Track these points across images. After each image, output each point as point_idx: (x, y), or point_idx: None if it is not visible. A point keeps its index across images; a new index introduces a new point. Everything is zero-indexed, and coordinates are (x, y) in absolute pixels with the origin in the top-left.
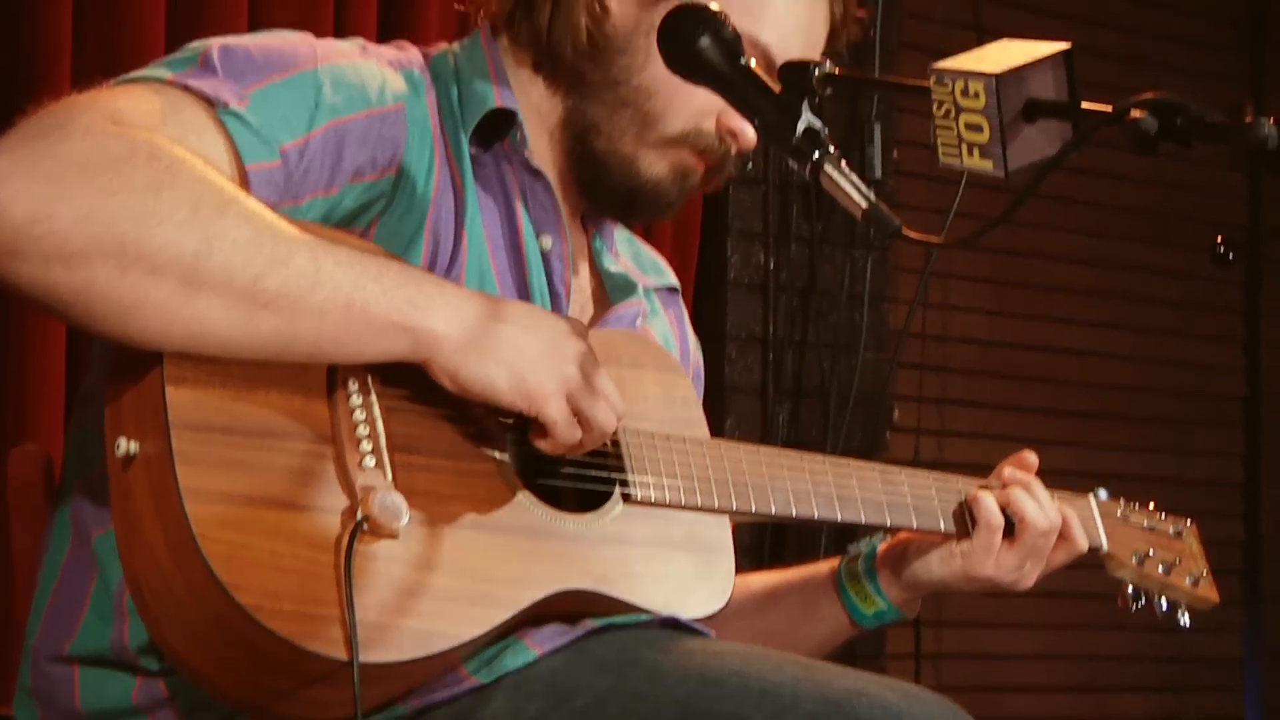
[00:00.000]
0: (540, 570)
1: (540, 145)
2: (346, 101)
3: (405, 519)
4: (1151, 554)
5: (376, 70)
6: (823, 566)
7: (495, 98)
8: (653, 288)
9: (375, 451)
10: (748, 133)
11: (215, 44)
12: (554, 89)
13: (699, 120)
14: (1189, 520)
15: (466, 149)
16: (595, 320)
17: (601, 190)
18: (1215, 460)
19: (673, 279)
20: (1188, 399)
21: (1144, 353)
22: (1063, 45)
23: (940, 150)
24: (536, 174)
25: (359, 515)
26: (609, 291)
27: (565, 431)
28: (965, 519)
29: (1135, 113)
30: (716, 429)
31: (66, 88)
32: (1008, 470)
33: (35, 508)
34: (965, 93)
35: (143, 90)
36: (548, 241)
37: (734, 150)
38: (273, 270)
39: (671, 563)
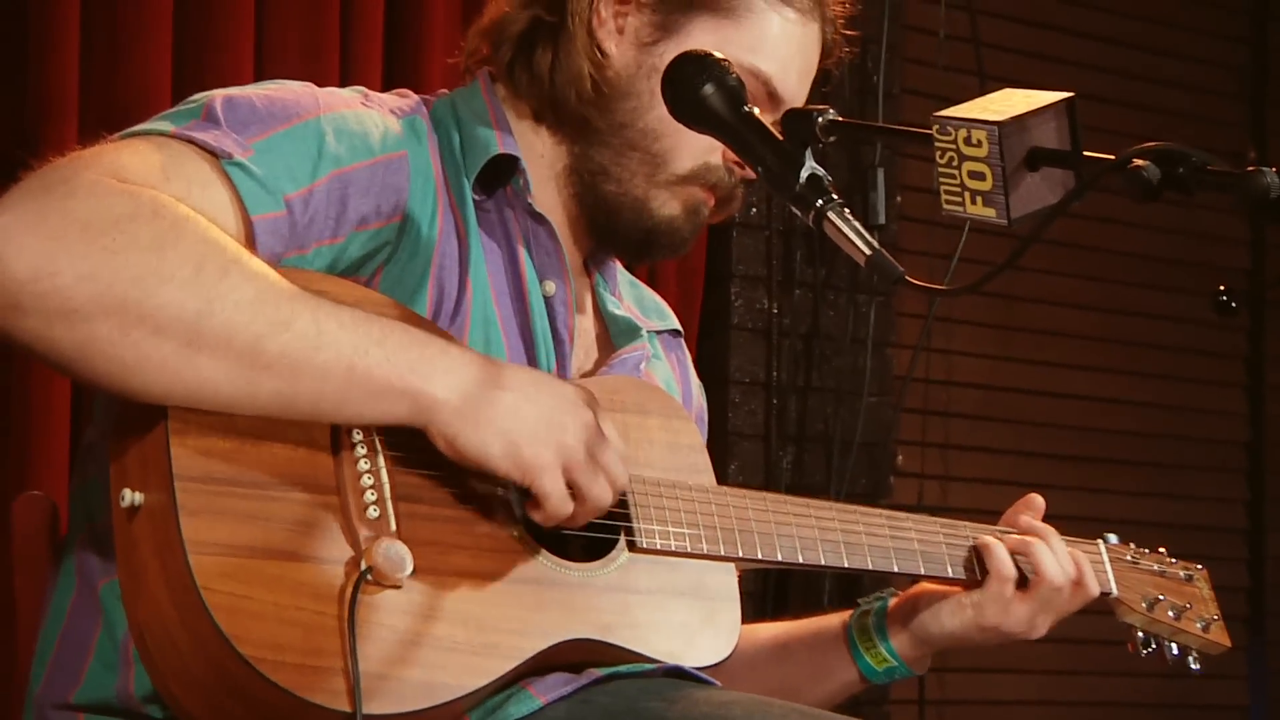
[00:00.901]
0: (544, 620)
1: (544, 190)
2: (350, 150)
3: (409, 569)
4: (1161, 599)
5: (379, 118)
6: (832, 620)
7: (498, 144)
8: (656, 331)
9: (379, 502)
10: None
11: (218, 96)
12: (558, 136)
13: (707, 156)
14: (1200, 565)
15: (469, 195)
16: (600, 365)
17: (616, 233)
18: (1219, 506)
19: (675, 322)
20: (1191, 444)
21: (1147, 398)
22: (1065, 94)
23: (943, 198)
24: (540, 219)
25: (363, 566)
26: (612, 335)
27: (557, 505)
28: (975, 568)
29: (1137, 161)
30: (720, 474)
31: (72, 138)
32: (1024, 519)
33: (40, 556)
34: (968, 141)
35: (146, 145)
36: (551, 286)
37: (741, 180)
38: (275, 332)
39: (676, 611)
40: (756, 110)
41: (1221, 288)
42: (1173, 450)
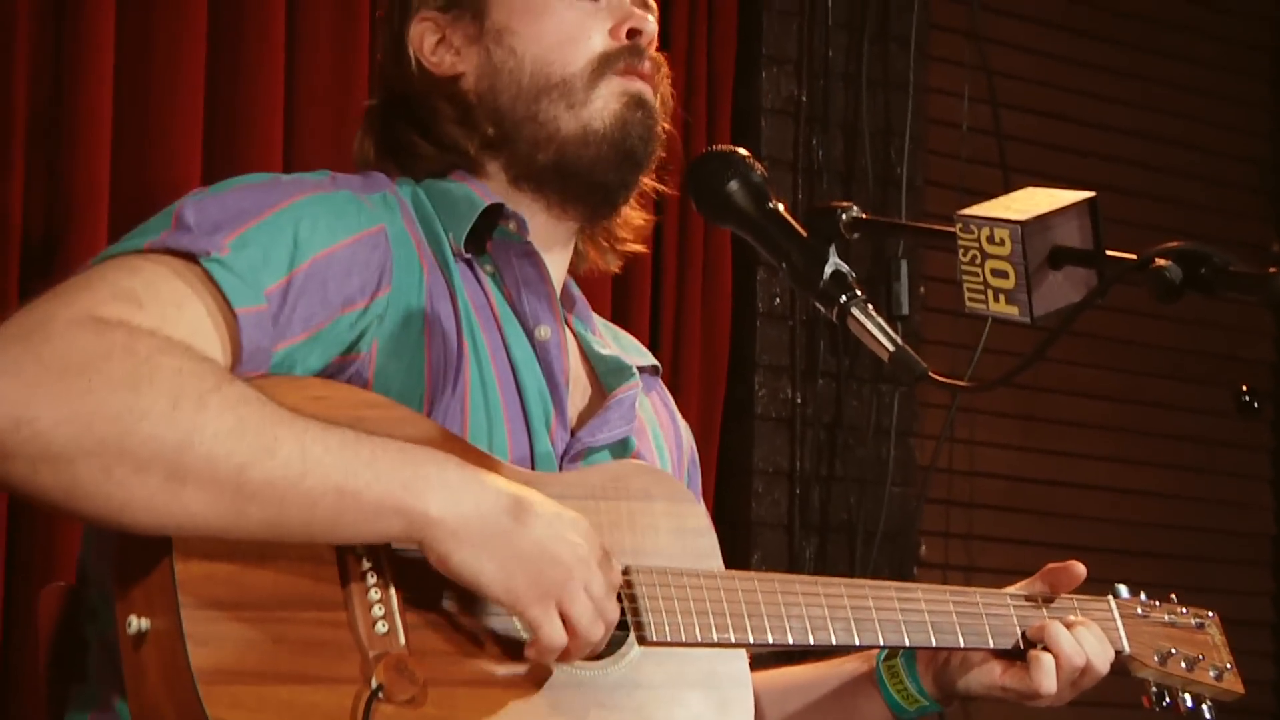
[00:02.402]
0: None
1: (534, 221)
2: (327, 234)
3: (420, 683)
4: (1174, 652)
5: (350, 198)
6: (858, 663)
7: (480, 196)
8: (639, 367)
9: (388, 615)
10: (643, 22)
11: (188, 203)
12: (497, 164)
13: (598, 44)
14: (1211, 612)
15: (451, 257)
16: (595, 407)
17: (596, 180)
18: (1245, 598)
19: (653, 359)
20: (1216, 536)
21: (1171, 490)
22: (1087, 194)
23: (967, 296)
24: (533, 260)
25: (374, 684)
26: (601, 375)
27: (550, 638)
28: (1017, 643)
29: (1160, 262)
30: (743, 563)
31: (104, 223)
32: (1075, 606)
33: None
34: (991, 239)
35: (119, 271)
36: (545, 331)
37: (650, 52)
38: (258, 461)
39: (690, 704)
40: (781, 206)
41: (1244, 387)
42: (1197, 543)
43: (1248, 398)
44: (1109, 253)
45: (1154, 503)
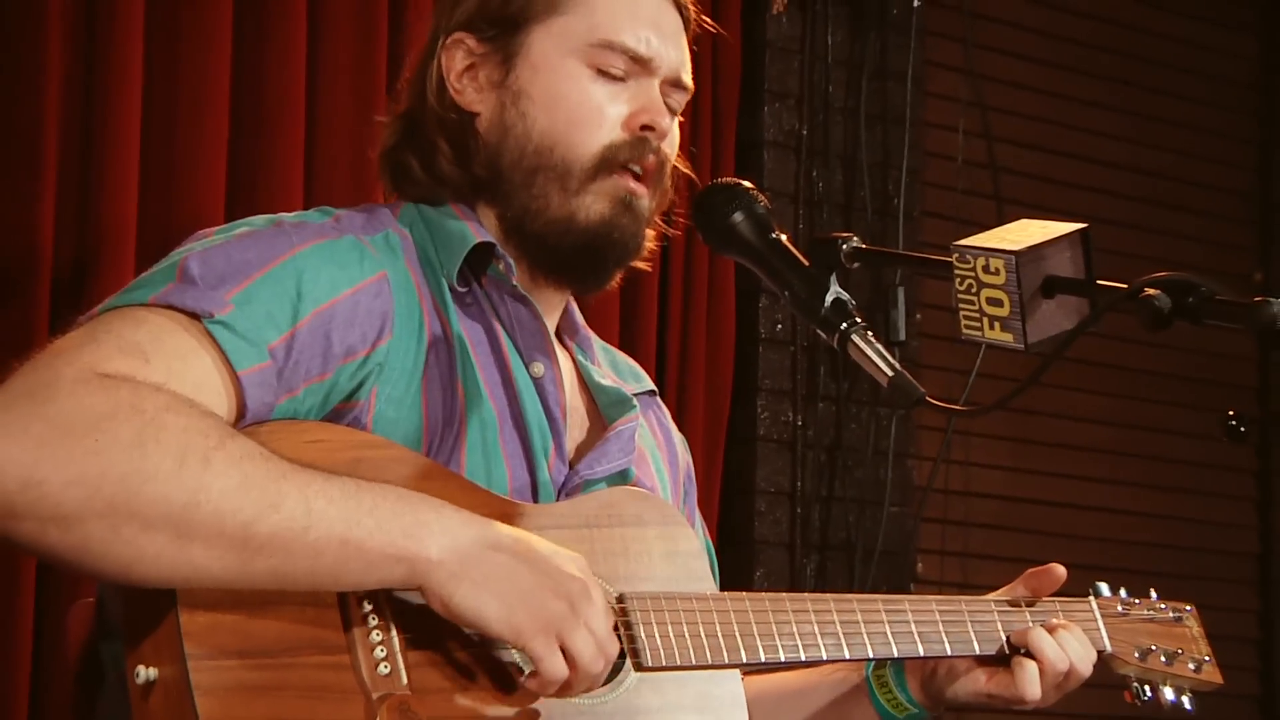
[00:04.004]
0: None
1: (517, 269)
2: (329, 286)
3: None
4: (1154, 648)
5: (353, 244)
6: (848, 671)
7: (473, 233)
8: (635, 394)
9: (390, 657)
10: (661, 118)
11: (193, 254)
12: (490, 209)
13: (608, 134)
14: (1189, 606)
15: (449, 295)
16: (595, 439)
17: (566, 263)
18: (1230, 615)
19: (650, 383)
20: (1203, 555)
21: (1160, 510)
22: (1079, 225)
23: (963, 323)
24: (523, 299)
25: None
26: (601, 407)
27: (550, 669)
28: (1002, 648)
29: (1149, 291)
30: (745, 581)
31: (131, 260)
32: (1058, 609)
33: None
34: (986, 269)
35: (124, 323)
36: (539, 368)
37: (659, 146)
38: (263, 516)
39: None
40: (784, 237)
41: (1230, 412)
42: (1185, 561)
43: (1234, 422)
44: (1100, 282)
45: (1143, 522)
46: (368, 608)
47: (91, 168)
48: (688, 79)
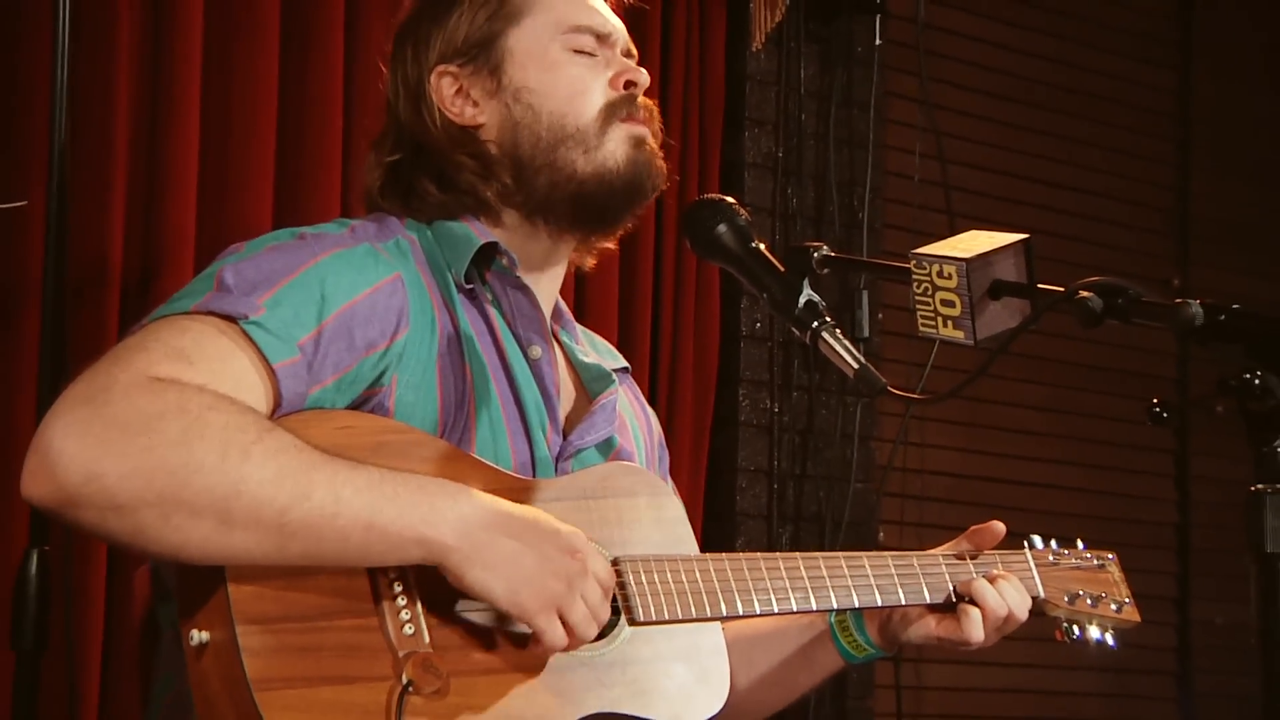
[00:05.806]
0: (564, 703)
1: (548, 243)
2: (349, 287)
3: (444, 676)
4: (1081, 592)
5: (368, 250)
6: (814, 617)
7: (477, 235)
8: (613, 369)
9: (414, 619)
10: (637, 75)
11: (227, 265)
12: (511, 202)
13: (602, 96)
14: (1111, 554)
15: (455, 291)
16: (583, 411)
17: (608, 209)
18: (1152, 577)
19: (624, 361)
20: (1130, 525)
21: (1092, 486)
22: (1022, 235)
23: (919, 321)
24: (523, 289)
25: (404, 679)
26: (585, 383)
27: (553, 640)
28: (949, 597)
29: (1084, 293)
30: (729, 547)
31: (190, 262)
32: (997, 561)
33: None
34: (941, 274)
35: (171, 331)
36: (537, 350)
37: (642, 94)
38: (296, 504)
39: (675, 675)
40: (762, 246)
41: (1155, 400)
42: (1114, 530)
43: (1158, 409)
44: (1040, 285)
45: (1076, 496)
46: (393, 574)
47: (156, 183)
48: (634, 48)
